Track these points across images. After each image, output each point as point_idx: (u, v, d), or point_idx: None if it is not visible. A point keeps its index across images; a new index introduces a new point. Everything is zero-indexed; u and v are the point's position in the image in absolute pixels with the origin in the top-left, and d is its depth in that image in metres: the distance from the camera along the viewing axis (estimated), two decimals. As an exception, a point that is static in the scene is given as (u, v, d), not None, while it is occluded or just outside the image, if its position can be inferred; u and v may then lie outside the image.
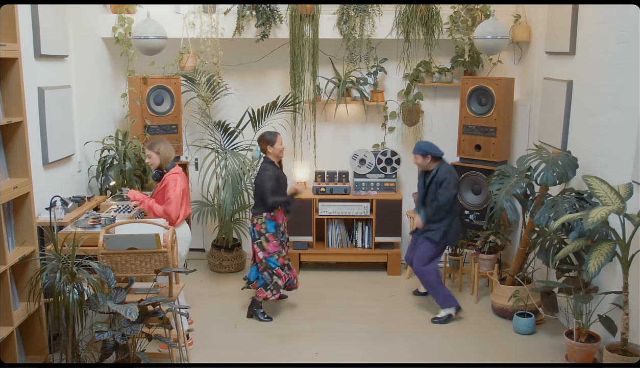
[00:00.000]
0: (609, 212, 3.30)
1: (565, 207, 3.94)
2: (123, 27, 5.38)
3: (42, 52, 4.30)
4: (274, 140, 4.66)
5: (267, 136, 4.68)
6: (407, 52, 5.63)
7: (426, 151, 4.69)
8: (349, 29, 5.49)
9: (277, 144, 4.66)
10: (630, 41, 3.72)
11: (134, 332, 3.30)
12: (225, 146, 5.73)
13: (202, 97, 5.60)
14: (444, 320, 4.69)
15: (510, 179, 4.42)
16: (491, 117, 5.31)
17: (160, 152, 4.29)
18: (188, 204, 4.41)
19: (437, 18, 5.45)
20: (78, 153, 5.02)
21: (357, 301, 5.11)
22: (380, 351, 4.26)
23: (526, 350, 4.26)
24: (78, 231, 3.85)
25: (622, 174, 3.74)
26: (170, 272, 3.66)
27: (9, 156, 3.48)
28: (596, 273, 3.41)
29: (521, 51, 5.67)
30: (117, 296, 3.41)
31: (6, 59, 3.32)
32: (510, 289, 4.65)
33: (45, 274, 3.39)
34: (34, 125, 4.23)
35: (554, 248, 4.14)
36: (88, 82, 5.23)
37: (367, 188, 5.73)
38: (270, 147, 4.65)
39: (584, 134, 4.34)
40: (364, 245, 5.77)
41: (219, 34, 5.48)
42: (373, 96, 5.78)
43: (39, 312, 3.59)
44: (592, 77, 4.23)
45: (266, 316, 4.73)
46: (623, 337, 3.53)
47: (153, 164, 4.34)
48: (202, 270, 5.80)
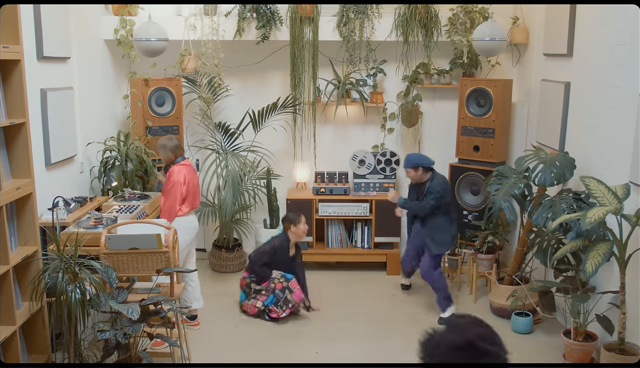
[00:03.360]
0: (606, 212, 3.33)
1: (562, 207, 3.97)
2: (125, 29, 5.41)
3: (44, 54, 4.33)
4: (297, 220, 4.82)
5: (291, 217, 4.87)
6: (406, 54, 5.67)
7: (416, 164, 4.73)
8: (348, 31, 5.53)
9: (301, 224, 4.83)
10: (627, 43, 3.75)
11: (136, 331, 3.31)
12: (226, 147, 5.76)
13: (203, 98, 5.63)
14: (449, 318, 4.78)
15: (508, 180, 4.45)
16: (489, 118, 5.34)
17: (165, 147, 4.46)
18: (196, 196, 4.54)
19: (435, 20, 5.48)
20: (80, 153, 5.05)
21: (357, 301, 5.14)
22: (380, 351, 4.28)
23: (524, 349, 4.28)
24: (80, 231, 3.86)
25: (619, 175, 3.77)
26: (172, 272, 3.69)
27: (12, 157, 3.49)
28: (594, 273, 3.43)
29: (519, 52, 5.70)
30: (119, 295, 3.42)
31: (9, 60, 3.34)
32: (508, 289, 4.68)
33: (48, 274, 3.41)
34: (37, 126, 4.27)
35: (552, 248, 4.17)
36: (90, 83, 5.26)
37: (366, 189, 5.77)
38: (293, 226, 4.82)
39: (582, 135, 4.37)
40: (363, 245, 5.80)
41: (220, 36, 5.52)
42: (372, 98, 5.81)
43: (42, 312, 3.61)
44: (590, 79, 4.26)
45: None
46: (620, 336, 3.56)
47: (168, 162, 4.50)
48: (203, 270, 5.82)
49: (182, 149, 4.60)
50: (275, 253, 4.82)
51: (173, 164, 4.47)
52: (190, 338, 4.29)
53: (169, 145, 4.48)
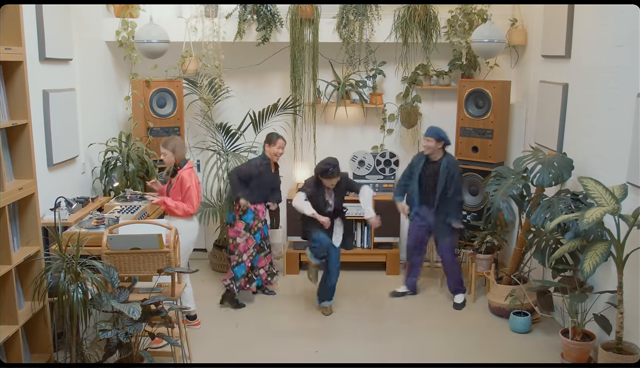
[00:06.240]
0: (604, 213, 3.35)
1: (561, 208, 3.99)
2: (126, 31, 5.45)
3: (46, 55, 4.36)
4: (273, 141, 4.91)
5: (268, 136, 4.97)
6: (405, 56, 5.69)
7: (441, 137, 4.81)
8: (348, 32, 5.56)
9: (274, 147, 4.90)
10: (625, 44, 3.77)
11: (137, 331, 3.34)
12: (227, 147, 5.79)
13: (204, 99, 5.66)
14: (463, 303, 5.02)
15: (506, 181, 4.47)
16: (488, 119, 5.37)
17: (174, 150, 4.42)
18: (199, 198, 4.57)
19: (435, 22, 5.51)
20: (82, 154, 5.08)
21: (357, 301, 5.16)
22: (380, 351, 4.30)
23: (522, 349, 4.31)
24: (82, 231, 3.90)
25: (617, 176, 3.79)
26: (173, 272, 3.72)
27: (15, 157, 3.52)
28: (591, 273, 3.46)
29: (517, 54, 5.73)
30: (121, 295, 3.44)
31: (11, 62, 3.37)
32: (506, 288, 4.70)
33: (50, 274, 3.43)
34: (39, 127, 4.29)
35: (550, 248, 4.19)
36: (92, 85, 5.29)
37: (366, 190, 5.78)
38: (267, 145, 4.93)
39: (580, 136, 4.40)
40: (363, 245, 5.82)
41: (221, 37, 5.55)
42: (372, 99, 5.84)
43: (44, 311, 3.64)
44: (588, 80, 4.28)
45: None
46: (618, 336, 3.58)
47: (168, 162, 4.46)
48: (204, 270, 5.85)
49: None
50: (258, 170, 4.86)
51: (180, 165, 4.45)
52: (190, 337, 4.32)
53: (184, 145, 4.52)
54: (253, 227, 4.92)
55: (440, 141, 4.81)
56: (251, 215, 4.89)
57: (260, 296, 5.26)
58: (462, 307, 4.98)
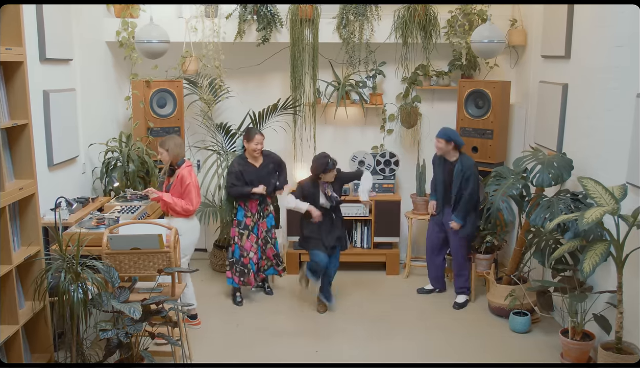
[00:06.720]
0: (603, 213, 3.36)
1: (560, 208, 4.00)
2: (126, 31, 5.45)
3: (47, 55, 4.37)
4: (251, 138, 4.89)
5: (246, 132, 4.96)
6: (405, 56, 5.70)
7: (450, 138, 4.82)
8: (348, 33, 5.57)
9: (252, 143, 4.88)
10: (625, 45, 3.78)
11: (138, 331, 3.35)
12: (227, 147, 5.80)
13: (204, 100, 5.67)
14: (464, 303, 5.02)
15: (506, 181, 4.48)
16: (488, 119, 5.38)
17: (170, 149, 4.42)
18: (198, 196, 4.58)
19: (434, 22, 5.52)
20: (82, 154, 5.08)
21: (357, 301, 5.17)
22: (380, 351, 4.31)
23: (522, 348, 4.31)
24: (82, 231, 3.90)
25: (617, 176, 3.80)
26: (173, 272, 3.72)
27: (15, 157, 3.53)
28: (591, 273, 3.46)
29: (517, 54, 5.74)
30: (121, 295, 3.45)
31: (12, 62, 3.38)
32: (506, 288, 4.71)
33: (50, 273, 3.43)
34: (39, 127, 4.30)
35: (550, 248, 4.20)
36: (92, 85, 5.30)
37: (366, 190, 5.79)
38: (246, 142, 4.92)
39: (579, 137, 4.40)
40: (363, 245, 5.83)
41: (221, 38, 5.56)
42: (372, 99, 5.85)
43: (44, 311, 3.64)
44: (587, 81, 4.29)
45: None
46: (617, 336, 3.59)
47: (165, 161, 4.47)
48: (204, 270, 5.86)
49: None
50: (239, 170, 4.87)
51: (178, 164, 4.46)
52: (191, 337, 4.33)
53: (182, 144, 4.52)
54: (248, 224, 4.95)
55: (450, 142, 4.82)
56: (242, 212, 4.96)
57: (261, 296, 5.26)
58: (462, 307, 4.99)
